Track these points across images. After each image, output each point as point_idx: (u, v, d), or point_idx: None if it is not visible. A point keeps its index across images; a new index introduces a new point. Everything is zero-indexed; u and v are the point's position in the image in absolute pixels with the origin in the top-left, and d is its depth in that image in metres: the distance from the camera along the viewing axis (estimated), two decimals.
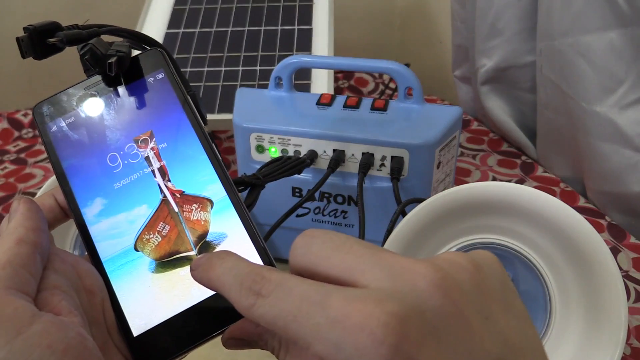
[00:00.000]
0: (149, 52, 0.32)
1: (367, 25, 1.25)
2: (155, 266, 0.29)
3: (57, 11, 1.11)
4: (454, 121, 0.54)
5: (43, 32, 0.30)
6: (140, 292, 0.28)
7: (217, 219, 0.29)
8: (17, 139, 0.93)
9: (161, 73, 0.31)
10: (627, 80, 0.60)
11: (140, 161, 0.30)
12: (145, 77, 0.31)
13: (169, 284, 0.28)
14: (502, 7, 0.76)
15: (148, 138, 0.30)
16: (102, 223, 0.29)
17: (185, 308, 0.28)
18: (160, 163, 0.30)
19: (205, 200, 0.29)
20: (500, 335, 0.21)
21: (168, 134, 0.30)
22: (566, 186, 0.74)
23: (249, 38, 0.83)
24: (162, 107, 0.31)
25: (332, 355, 0.20)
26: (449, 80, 1.01)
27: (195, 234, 0.29)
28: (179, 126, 0.30)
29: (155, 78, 0.31)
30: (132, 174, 0.30)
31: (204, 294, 0.28)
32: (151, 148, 0.30)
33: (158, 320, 0.28)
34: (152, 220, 0.29)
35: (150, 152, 0.30)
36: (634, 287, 0.57)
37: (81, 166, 0.30)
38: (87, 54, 0.29)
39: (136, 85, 0.31)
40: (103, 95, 0.31)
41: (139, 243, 0.29)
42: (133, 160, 0.30)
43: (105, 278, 0.29)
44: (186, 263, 0.28)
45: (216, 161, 0.30)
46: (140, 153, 0.30)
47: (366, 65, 0.57)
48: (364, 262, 0.22)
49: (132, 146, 0.30)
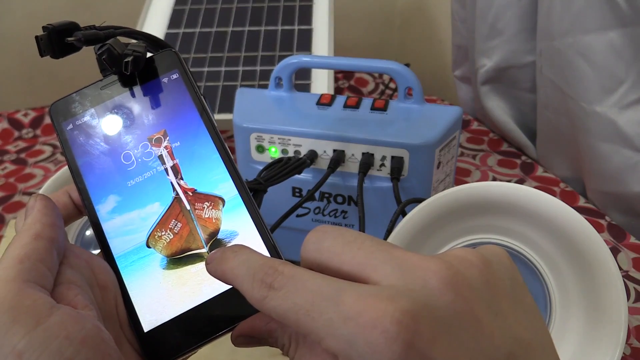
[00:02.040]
0: (163, 52, 0.32)
1: (367, 25, 1.25)
2: (166, 263, 0.29)
3: (57, 11, 1.11)
4: (454, 121, 0.54)
5: (61, 31, 0.30)
6: (151, 289, 0.29)
7: (229, 217, 0.29)
8: (17, 139, 0.93)
9: (175, 73, 0.32)
10: (627, 80, 0.60)
11: (154, 159, 0.30)
12: (160, 77, 0.32)
13: (180, 281, 0.28)
14: (502, 7, 0.76)
15: (162, 137, 0.31)
16: (115, 220, 0.30)
17: (195, 305, 0.28)
18: (174, 161, 0.30)
19: (217, 199, 0.30)
20: (510, 331, 0.21)
21: (181, 133, 0.31)
22: (566, 186, 0.74)
23: (249, 38, 0.83)
24: (176, 106, 0.31)
25: (345, 351, 0.20)
26: (449, 80, 1.01)
27: (207, 231, 0.29)
28: (192, 125, 0.31)
29: (169, 78, 0.32)
30: (145, 172, 0.30)
31: (215, 291, 0.28)
32: (165, 147, 0.31)
33: (169, 317, 0.28)
34: (165, 217, 0.30)
35: (164, 151, 0.31)
36: (634, 287, 0.57)
37: (96, 164, 0.31)
38: (105, 54, 0.30)
39: (151, 85, 0.32)
40: (119, 95, 0.32)
41: (151, 240, 0.30)
42: (147, 158, 0.31)
43: (117, 274, 0.29)
44: (197, 260, 0.29)
45: (228, 160, 0.30)
46: (154, 151, 0.31)
47: (366, 65, 0.57)
48: (375, 258, 0.22)
49: (146, 145, 0.31)
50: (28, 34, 1.32)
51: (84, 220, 0.51)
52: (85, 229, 0.51)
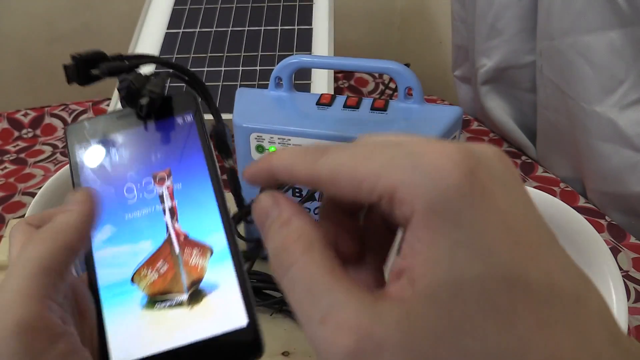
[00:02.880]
0: (183, 94, 0.33)
1: (367, 25, 1.25)
2: (146, 302, 0.29)
3: (57, 11, 1.11)
4: (454, 121, 0.54)
5: (88, 61, 0.31)
6: (127, 325, 0.28)
7: (214, 268, 0.29)
8: (17, 139, 0.93)
9: (190, 116, 0.32)
10: (627, 80, 0.60)
11: (155, 197, 0.30)
12: (175, 116, 0.32)
13: (156, 323, 0.28)
14: (502, 7, 0.76)
15: (166, 176, 0.31)
16: (107, 250, 0.30)
17: (165, 349, 0.28)
18: (172, 203, 0.30)
19: (206, 248, 0.29)
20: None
21: (185, 176, 0.31)
22: (566, 186, 0.74)
23: (249, 38, 0.83)
24: (185, 148, 0.31)
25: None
26: (449, 80, 1.01)
27: (191, 278, 0.29)
28: (197, 170, 0.31)
29: (184, 119, 0.32)
30: (144, 208, 0.30)
31: (187, 339, 0.28)
32: (167, 186, 0.31)
33: (138, 356, 0.28)
34: (154, 257, 0.30)
35: (165, 191, 0.31)
36: (634, 287, 0.57)
37: (100, 191, 0.31)
38: (123, 91, 0.31)
39: (165, 123, 0.32)
40: (132, 127, 0.32)
41: (136, 276, 0.29)
42: (148, 195, 0.31)
43: (97, 303, 0.29)
44: (176, 305, 0.29)
45: (224, 211, 0.30)
46: (156, 189, 0.31)
47: (366, 65, 0.57)
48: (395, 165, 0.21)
49: (150, 181, 0.31)
50: (28, 34, 1.33)
51: None
52: None
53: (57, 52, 1.16)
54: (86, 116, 0.97)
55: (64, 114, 0.97)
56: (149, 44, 0.83)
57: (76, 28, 1.13)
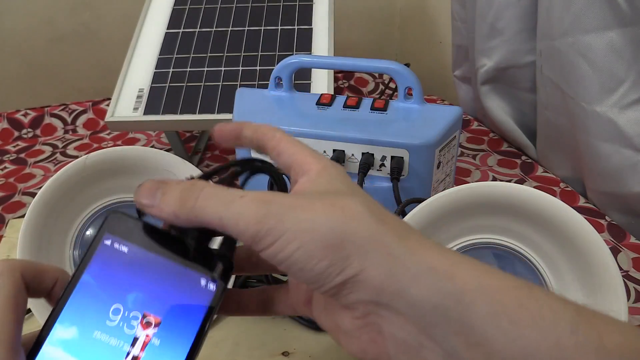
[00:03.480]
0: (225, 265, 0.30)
1: (367, 25, 1.25)
2: None
3: (57, 11, 1.11)
4: (454, 121, 0.54)
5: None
6: None
7: None
8: (17, 139, 0.93)
9: (215, 285, 0.30)
10: (627, 80, 0.60)
11: (130, 336, 0.28)
12: (201, 274, 0.30)
13: None
14: (502, 7, 0.76)
15: (154, 324, 0.28)
16: (56, 351, 0.27)
17: None
18: (139, 354, 0.28)
19: None
20: None
21: (169, 335, 0.28)
22: (566, 186, 0.74)
23: (249, 38, 0.83)
24: (189, 311, 0.29)
25: None
26: (449, 80, 1.01)
27: None
28: (185, 337, 0.28)
29: (207, 283, 0.30)
30: (114, 338, 0.28)
31: None
32: (146, 334, 0.28)
33: None
34: None
35: (142, 337, 0.28)
36: (634, 287, 0.57)
37: (93, 291, 0.29)
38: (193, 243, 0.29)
39: (192, 275, 0.30)
40: (163, 257, 0.30)
41: None
42: (127, 329, 0.28)
43: None
44: None
45: None
46: (137, 330, 0.28)
47: (366, 65, 0.57)
48: None
49: (137, 317, 0.28)
50: (28, 33, 1.32)
51: (84, 219, 0.51)
52: (85, 229, 0.51)
53: (58, 52, 1.16)
54: (85, 116, 0.97)
55: (64, 114, 0.97)
56: (149, 44, 0.83)
57: (76, 28, 1.13)
